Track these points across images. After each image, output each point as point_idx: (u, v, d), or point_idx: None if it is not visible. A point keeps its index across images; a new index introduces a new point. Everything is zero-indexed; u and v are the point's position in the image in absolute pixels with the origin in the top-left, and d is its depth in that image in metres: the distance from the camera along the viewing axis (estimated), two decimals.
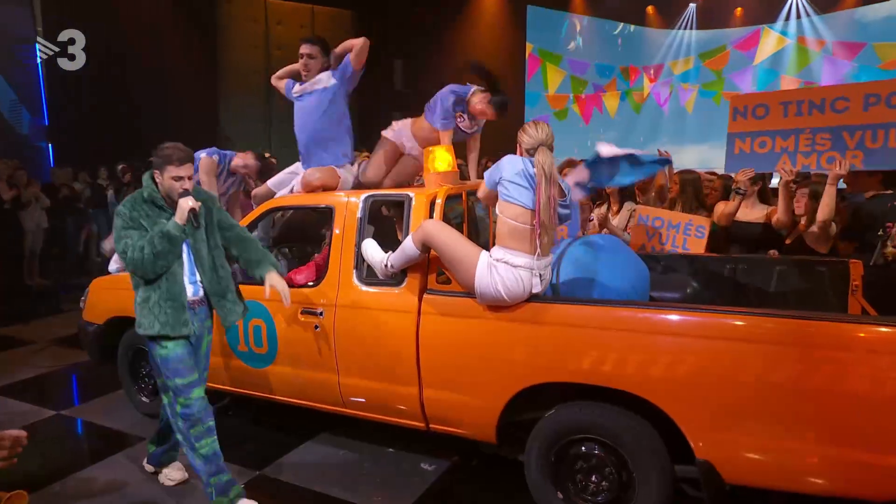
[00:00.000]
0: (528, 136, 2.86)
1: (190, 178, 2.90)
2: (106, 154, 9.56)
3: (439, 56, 11.76)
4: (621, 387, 2.66)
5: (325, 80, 3.92)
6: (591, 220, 4.49)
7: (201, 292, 3.08)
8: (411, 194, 3.29)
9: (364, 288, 3.28)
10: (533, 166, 2.78)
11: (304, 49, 3.91)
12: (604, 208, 4.90)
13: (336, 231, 3.39)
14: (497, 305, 2.87)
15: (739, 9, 12.99)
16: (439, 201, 3.22)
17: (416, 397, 3.14)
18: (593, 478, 2.82)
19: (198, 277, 3.05)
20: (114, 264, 4.28)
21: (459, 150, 3.85)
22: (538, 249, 2.79)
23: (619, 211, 4.83)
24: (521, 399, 2.90)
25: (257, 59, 10.84)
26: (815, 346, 2.40)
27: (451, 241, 2.93)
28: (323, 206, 3.55)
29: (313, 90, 3.93)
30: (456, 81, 3.97)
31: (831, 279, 3.60)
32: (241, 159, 4.76)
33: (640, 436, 2.67)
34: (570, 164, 5.00)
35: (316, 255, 3.99)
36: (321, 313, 3.35)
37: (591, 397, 2.79)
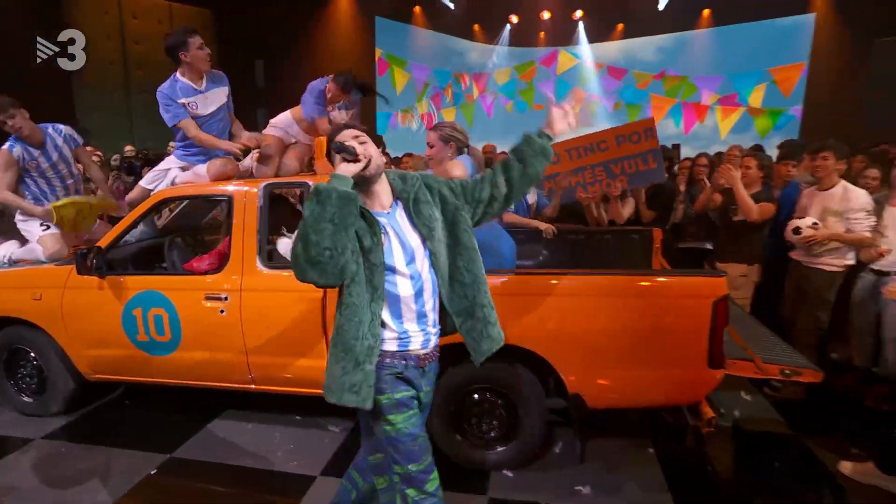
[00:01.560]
0: (461, 134, 2.78)
1: None
2: None
3: (297, 56, 11.00)
4: (512, 342, 2.68)
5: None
6: None
7: None
8: (310, 181, 3.00)
9: (269, 271, 2.95)
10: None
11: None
12: None
13: (236, 219, 3.00)
14: None
15: (542, 33, 13.77)
16: None
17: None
18: (486, 420, 2.84)
19: None
20: None
21: None
22: None
23: None
24: None
25: (112, 51, 9.31)
26: (634, 295, 2.63)
27: None
28: (222, 195, 3.11)
29: None
30: (313, 79, 3.74)
31: (641, 243, 3.96)
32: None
33: (525, 383, 2.73)
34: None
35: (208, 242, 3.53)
36: (226, 298, 2.96)
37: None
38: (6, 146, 3.55)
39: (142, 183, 3.68)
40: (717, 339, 2.54)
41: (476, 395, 2.82)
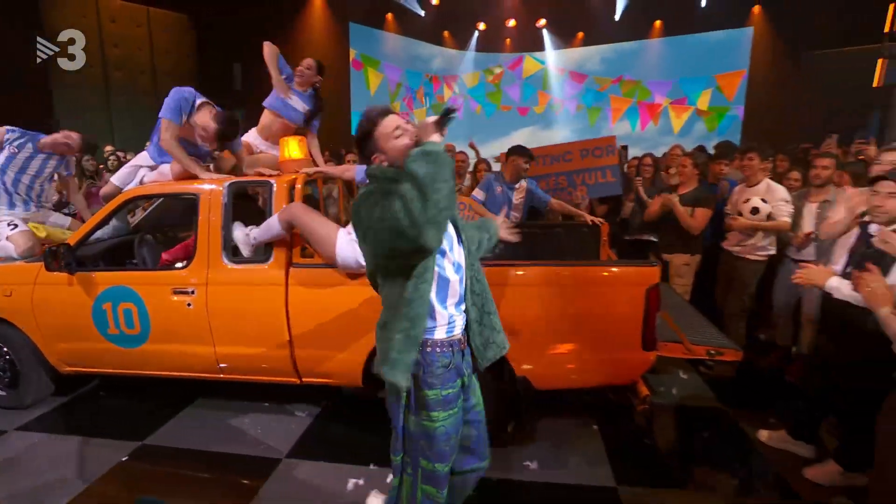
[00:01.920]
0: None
1: None
2: None
3: None
4: None
5: None
6: None
7: None
8: (272, 181, 3.02)
9: (233, 266, 2.96)
10: None
11: None
12: None
13: (202, 216, 3.00)
14: (355, 273, 2.77)
15: (508, 39, 13.88)
16: (298, 186, 3.00)
17: (289, 357, 2.94)
18: None
19: None
20: None
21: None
22: None
23: None
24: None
25: (92, 53, 9.04)
26: (574, 284, 2.72)
27: (315, 220, 2.76)
28: (188, 193, 3.11)
29: None
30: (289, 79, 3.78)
31: (591, 236, 4.06)
32: (65, 137, 3.67)
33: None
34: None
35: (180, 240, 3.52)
36: (193, 292, 2.96)
37: None
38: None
39: (113, 179, 3.64)
40: (649, 323, 2.65)
41: None
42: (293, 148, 3.29)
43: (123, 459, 2.90)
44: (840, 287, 2.26)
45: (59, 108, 8.44)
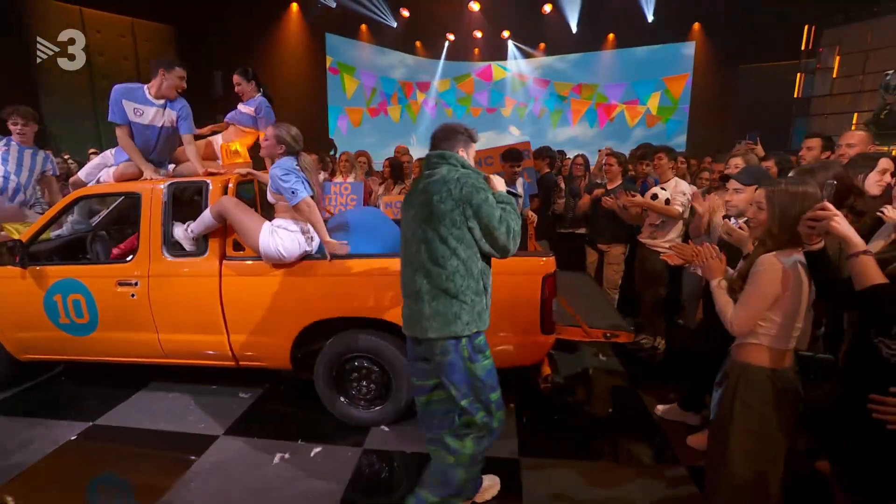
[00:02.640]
0: (295, 142, 2.71)
1: None
2: None
3: (254, 67, 10.70)
4: (378, 316, 2.76)
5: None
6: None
7: None
8: (209, 181, 2.98)
9: (172, 259, 2.93)
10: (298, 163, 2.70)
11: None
12: (382, 187, 4.91)
13: (144, 213, 2.97)
14: (279, 264, 2.76)
15: (477, 49, 13.84)
16: (231, 186, 2.97)
17: (226, 342, 2.93)
18: (364, 383, 2.92)
19: None
20: None
21: None
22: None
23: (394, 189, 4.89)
24: (308, 333, 2.86)
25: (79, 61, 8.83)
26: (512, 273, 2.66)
27: (242, 212, 2.75)
28: (131, 192, 3.06)
29: None
30: (270, 89, 3.83)
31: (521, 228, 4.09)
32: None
33: (395, 351, 2.79)
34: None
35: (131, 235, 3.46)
36: (136, 283, 2.93)
37: (359, 327, 2.83)
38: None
39: (80, 172, 3.55)
40: (546, 309, 2.67)
41: (356, 363, 2.89)
42: (235, 150, 3.26)
43: (72, 439, 2.87)
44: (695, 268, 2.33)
45: (47, 114, 8.24)
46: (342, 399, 2.93)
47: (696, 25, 11.61)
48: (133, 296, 2.94)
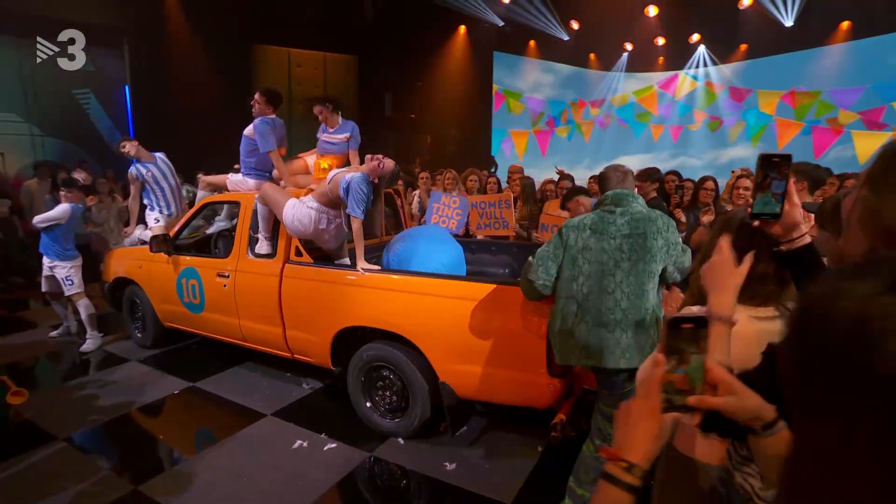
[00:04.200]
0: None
1: None
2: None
3: (421, 89, 12.04)
4: (394, 329, 3.01)
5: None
6: None
7: None
8: (240, 200, 3.89)
9: (252, 258, 3.68)
10: None
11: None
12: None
13: (241, 218, 3.80)
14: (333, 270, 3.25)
15: (661, 57, 12.92)
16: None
17: (282, 335, 3.54)
18: (387, 393, 3.20)
19: None
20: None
21: None
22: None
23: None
24: (345, 337, 3.26)
25: (282, 91, 11.21)
26: (493, 301, 2.74)
27: (274, 191, 3.49)
28: (236, 200, 3.96)
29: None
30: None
31: (518, 254, 4.14)
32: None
33: (414, 365, 3.00)
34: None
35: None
36: (228, 276, 3.77)
37: (387, 338, 3.10)
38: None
39: (228, 183, 4.27)
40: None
41: (384, 372, 3.18)
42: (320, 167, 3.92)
43: (175, 392, 3.83)
44: None
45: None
46: (367, 404, 3.25)
47: None
48: (225, 286, 3.78)
